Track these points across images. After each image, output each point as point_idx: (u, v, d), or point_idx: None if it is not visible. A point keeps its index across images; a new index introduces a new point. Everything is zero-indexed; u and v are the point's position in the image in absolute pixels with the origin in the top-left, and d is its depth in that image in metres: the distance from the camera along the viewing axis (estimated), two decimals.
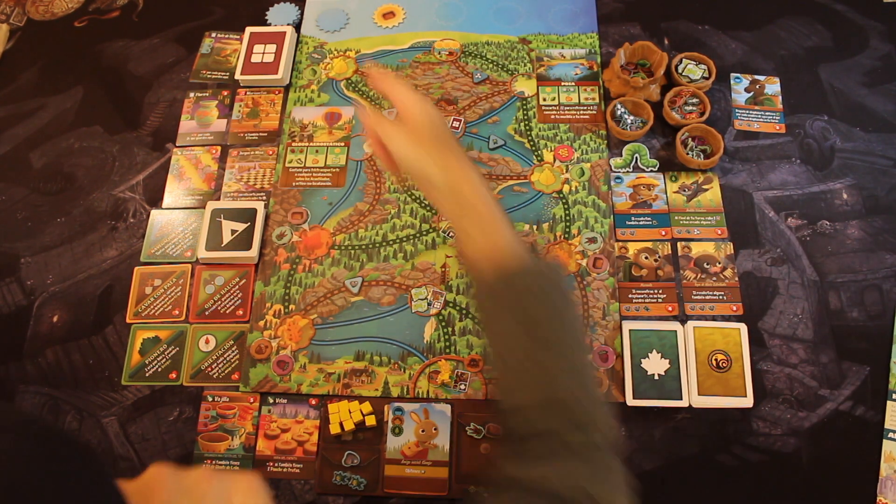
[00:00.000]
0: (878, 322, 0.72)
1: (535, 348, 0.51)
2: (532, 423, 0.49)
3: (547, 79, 0.88)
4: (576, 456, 0.47)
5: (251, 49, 0.91)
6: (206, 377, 0.73)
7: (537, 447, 0.48)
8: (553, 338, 0.51)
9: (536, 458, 0.47)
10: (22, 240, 0.83)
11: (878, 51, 0.88)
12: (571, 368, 0.51)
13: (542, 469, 0.46)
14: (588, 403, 0.50)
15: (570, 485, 0.44)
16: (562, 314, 0.53)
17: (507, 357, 0.52)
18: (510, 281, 0.52)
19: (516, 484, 0.46)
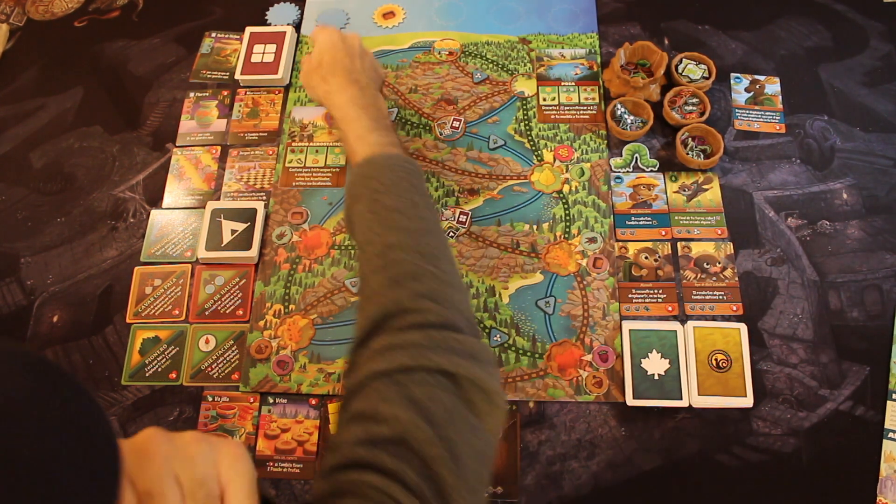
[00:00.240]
0: (878, 322, 0.72)
1: (379, 224, 0.58)
2: (385, 306, 0.53)
3: (547, 79, 0.88)
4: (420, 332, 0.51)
5: (251, 49, 0.91)
6: (206, 377, 0.73)
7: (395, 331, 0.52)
8: (392, 205, 0.59)
9: (395, 347, 0.50)
10: (22, 240, 0.83)
11: (878, 51, 0.88)
12: (418, 245, 0.57)
13: (401, 357, 0.49)
14: (436, 281, 0.55)
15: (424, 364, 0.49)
16: (402, 187, 0.60)
17: (365, 247, 0.58)
18: (358, 169, 0.63)
19: (383, 374, 0.49)
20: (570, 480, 0.67)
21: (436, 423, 0.46)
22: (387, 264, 0.56)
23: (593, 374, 0.71)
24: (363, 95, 0.71)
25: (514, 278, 0.75)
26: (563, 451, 0.68)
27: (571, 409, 0.70)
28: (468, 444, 0.47)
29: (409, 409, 0.46)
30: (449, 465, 0.44)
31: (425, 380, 0.48)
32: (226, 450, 0.36)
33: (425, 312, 0.52)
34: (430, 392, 0.47)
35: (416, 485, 0.43)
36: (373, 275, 0.56)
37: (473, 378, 0.49)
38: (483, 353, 0.52)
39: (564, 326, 0.73)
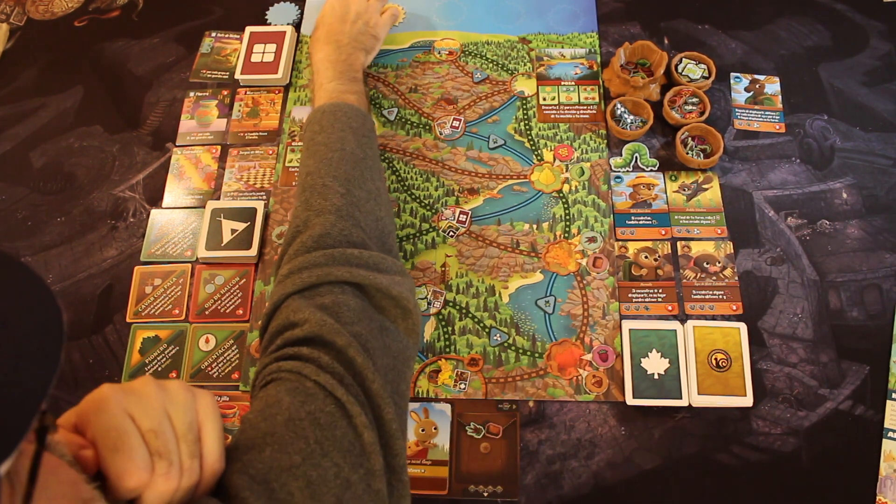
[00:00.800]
0: (878, 321, 0.72)
1: (307, 157, 0.65)
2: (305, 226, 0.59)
3: (547, 78, 0.88)
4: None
5: (251, 49, 0.91)
6: (207, 376, 0.73)
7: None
8: (324, 140, 0.65)
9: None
10: (22, 240, 0.83)
11: (878, 50, 0.88)
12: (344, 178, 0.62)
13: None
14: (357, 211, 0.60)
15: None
16: (337, 127, 0.67)
17: (297, 181, 0.65)
18: (309, 116, 0.70)
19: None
20: (569, 480, 0.67)
21: (343, 321, 0.50)
22: (304, 189, 0.61)
23: (593, 373, 0.71)
24: (338, 52, 0.78)
25: (514, 278, 0.75)
26: (563, 451, 0.68)
27: (571, 408, 0.70)
28: (378, 340, 0.51)
29: (317, 312, 0.50)
30: (357, 349, 0.48)
31: (331, 290, 0.53)
32: (202, 399, 0.40)
33: (327, 226, 0.56)
34: (336, 298, 0.52)
35: (329, 364, 0.47)
36: (295, 202, 0.62)
37: (377, 286, 0.53)
38: (385, 264, 0.56)
39: (564, 326, 0.73)
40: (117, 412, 0.36)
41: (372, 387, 0.48)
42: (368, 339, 0.51)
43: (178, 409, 0.39)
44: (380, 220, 0.62)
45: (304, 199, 0.61)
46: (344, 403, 0.46)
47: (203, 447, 0.39)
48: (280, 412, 0.45)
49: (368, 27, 0.83)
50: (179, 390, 0.40)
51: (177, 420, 0.38)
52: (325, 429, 0.45)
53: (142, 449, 0.36)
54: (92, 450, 0.35)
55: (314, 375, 0.46)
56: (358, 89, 0.74)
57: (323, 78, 0.75)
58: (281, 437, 0.43)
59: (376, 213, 0.62)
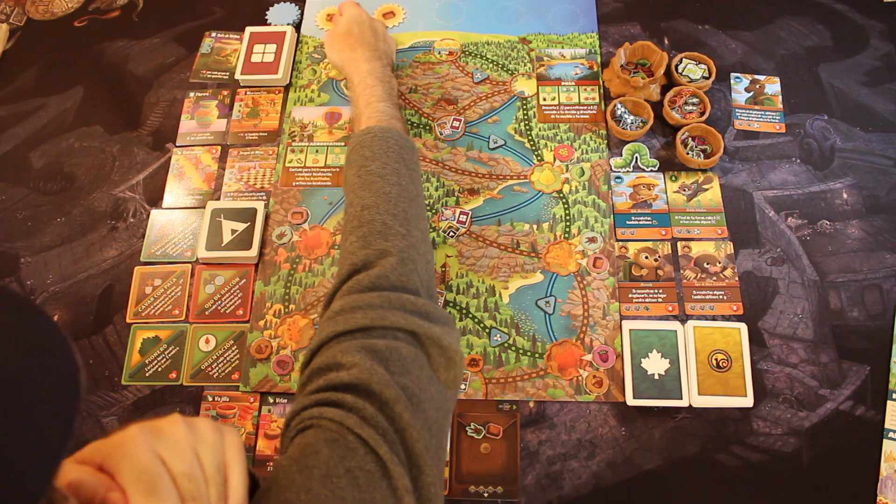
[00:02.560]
0: (878, 322, 0.72)
1: (361, 187, 0.62)
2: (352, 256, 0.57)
3: (547, 78, 0.88)
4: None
5: (251, 49, 0.91)
6: (207, 377, 0.73)
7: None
8: (377, 170, 0.63)
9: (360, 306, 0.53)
10: (22, 240, 0.83)
11: (878, 51, 0.88)
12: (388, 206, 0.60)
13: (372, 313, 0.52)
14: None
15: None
16: (390, 156, 0.64)
17: (348, 209, 0.62)
18: (357, 137, 0.67)
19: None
20: (570, 480, 0.67)
21: (392, 370, 0.48)
22: (361, 224, 0.59)
23: (593, 373, 0.71)
24: (383, 71, 0.78)
25: (514, 278, 0.75)
26: (564, 451, 0.68)
27: (571, 408, 0.70)
28: (426, 391, 0.49)
29: (367, 358, 0.48)
30: (406, 404, 0.46)
31: (384, 335, 0.51)
32: (229, 438, 0.40)
33: (387, 269, 0.54)
34: (389, 344, 0.50)
35: (373, 417, 0.45)
36: (349, 235, 0.59)
37: (430, 335, 0.51)
38: (437, 313, 0.54)
39: (564, 326, 0.73)
40: (148, 455, 0.35)
41: (416, 447, 0.45)
42: (416, 392, 0.48)
43: (208, 450, 0.38)
44: (429, 263, 0.60)
45: (361, 234, 0.58)
46: (386, 463, 0.43)
47: (228, 489, 0.39)
48: (317, 465, 0.42)
49: (391, 46, 0.86)
50: (208, 430, 0.39)
51: (206, 461, 0.38)
52: (364, 490, 0.42)
53: (174, 494, 0.35)
54: (120, 493, 0.34)
55: (357, 428, 0.44)
56: (401, 116, 0.74)
57: (372, 95, 0.73)
58: (317, 494, 0.41)
59: (426, 256, 0.60)
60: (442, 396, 0.51)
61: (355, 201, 0.61)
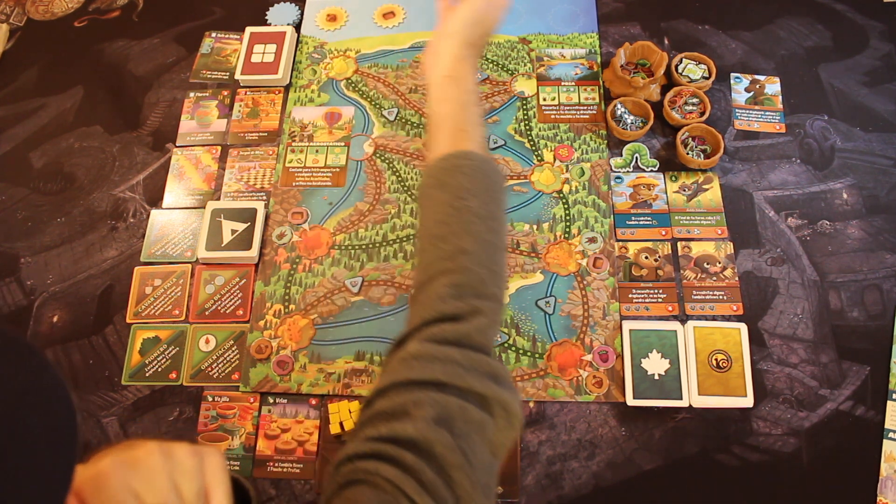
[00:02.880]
0: (878, 322, 0.72)
1: (458, 223, 0.56)
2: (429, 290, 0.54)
3: (547, 79, 0.88)
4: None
5: (251, 49, 0.91)
6: (207, 377, 0.73)
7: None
8: (477, 209, 0.57)
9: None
10: (22, 240, 0.83)
11: (878, 51, 0.88)
12: (483, 237, 0.56)
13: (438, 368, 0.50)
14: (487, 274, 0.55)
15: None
16: (491, 196, 0.58)
17: (437, 242, 0.56)
18: (455, 158, 0.59)
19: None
20: (570, 480, 0.67)
21: (457, 433, 0.46)
22: (456, 269, 0.54)
23: (593, 374, 0.70)
24: (472, 61, 0.67)
25: (514, 278, 0.75)
26: (564, 451, 0.68)
27: (571, 409, 0.70)
28: (482, 457, 0.48)
29: (434, 416, 0.46)
30: (467, 472, 0.45)
31: (458, 394, 0.48)
32: (209, 460, 0.39)
33: (474, 329, 0.52)
34: (460, 404, 0.48)
35: (432, 482, 0.43)
36: (440, 276, 0.54)
37: (499, 399, 0.49)
38: (505, 376, 0.52)
39: (564, 326, 0.73)
40: (120, 490, 0.35)
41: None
42: (474, 457, 0.47)
43: (186, 477, 0.37)
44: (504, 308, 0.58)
45: (455, 281, 0.54)
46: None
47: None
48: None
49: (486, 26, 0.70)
50: (186, 456, 0.38)
51: (185, 489, 0.37)
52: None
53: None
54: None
55: (415, 496, 0.42)
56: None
57: (472, 114, 0.62)
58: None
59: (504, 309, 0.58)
60: (490, 462, 0.50)
61: (450, 238, 0.56)
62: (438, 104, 0.63)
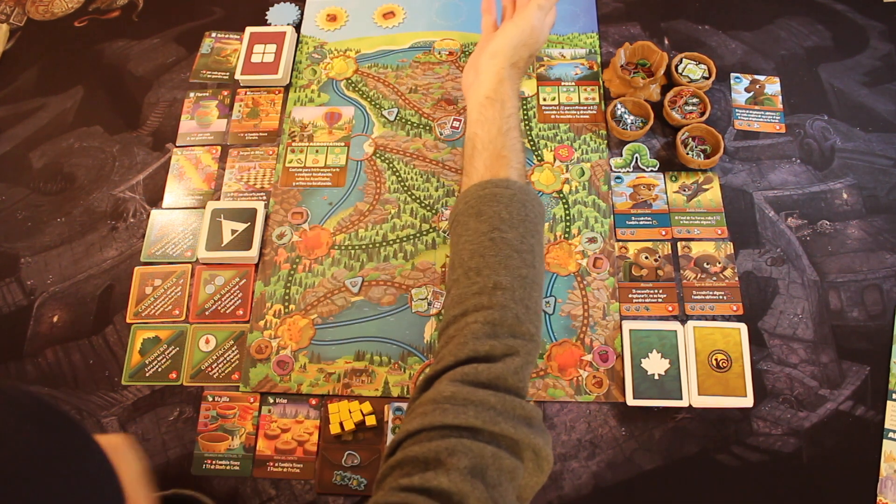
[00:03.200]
0: (878, 322, 0.72)
1: (494, 256, 0.55)
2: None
3: (547, 79, 0.88)
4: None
5: (251, 49, 0.91)
6: (207, 377, 0.73)
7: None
8: (513, 242, 0.55)
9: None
10: (22, 240, 0.83)
11: (878, 51, 0.88)
12: (517, 270, 0.54)
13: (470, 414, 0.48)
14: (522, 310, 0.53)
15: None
16: (528, 228, 0.57)
17: (470, 275, 0.55)
18: (492, 187, 0.57)
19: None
20: (570, 480, 0.67)
21: (490, 483, 0.45)
22: (492, 305, 0.53)
23: (593, 374, 0.71)
24: (511, 85, 0.65)
25: None
26: (564, 451, 0.68)
27: (571, 409, 0.70)
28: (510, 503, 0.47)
29: (468, 466, 0.45)
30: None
31: (493, 440, 0.47)
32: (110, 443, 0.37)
33: (508, 370, 0.50)
34: (494, 452, 0.47)
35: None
36: (474, 311, 0.53)
37: (532, 444, 0.48)
38: (537, 419, 0.51)
39: (564, 326, 0.73)
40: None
41: None
42: (507, 502, 0.46)
43: None
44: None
45: (490, 318, 0.52)
46: None
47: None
48: None
49: (532, 43, 0.68)
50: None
51: None
52: None
53: None
54: None
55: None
56: (522, 134, 0.62)
57: (512, 139, 0.61)
58: None
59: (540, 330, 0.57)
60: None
61: (485, 272, 0.54)
62: (478, 126, 0.62)
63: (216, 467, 0.70)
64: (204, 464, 0.70)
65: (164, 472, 0.69)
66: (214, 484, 0.69)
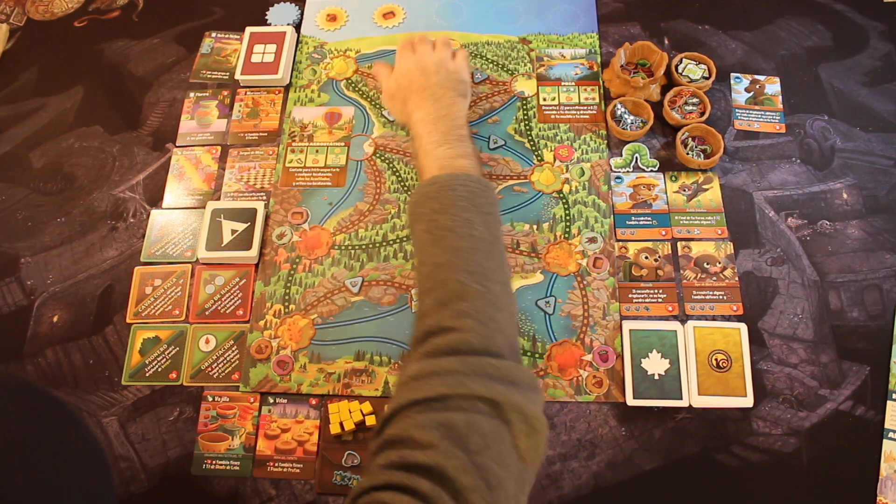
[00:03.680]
0: (878, 322, 0.72)
1: (431, 244, 0.58)
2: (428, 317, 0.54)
3: (547, 79, 0.88)
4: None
5: (251, 49, 0.91)
6: (207, 377, 0.73)
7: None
8: (444, 223, 0.58)
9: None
10: (22, 240, 0.83)
11: (878, 51, 0.88)
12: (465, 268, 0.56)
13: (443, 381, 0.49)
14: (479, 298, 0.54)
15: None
16: (456, 206, 0.59)
17: (420, 268, 0.59)
18: (421, 189, 0.63)
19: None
20: (570, 480, 0.67)
21: (472, 449, 0.45)
22: (435, 285, 0.55)
23: (593, 373, 0.71)
24: (437, 107, 0.71)
25: (514, 278, 0.75)
26: (564, 451, 0.68)
27: (571, 408, 0.70)
28: (506, 467, 0.46)
29: (444, 437, 0.45)
30: (483, 492, 0.43)
31: (462, 406, 0.47)
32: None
33: (466, 332, 0.51)
34: (468, 418, 0.46)
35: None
36: (424, 297, 0.55)
37: (513, 403, 0.47)
38: (522, 377, 0.50)
39: (564, 326, 0.73)
40: None
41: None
42: (496, 471, 0.45)
43: None
44: (512, 316, 0.57)
45: (436, 297, 0.54)
46: None
47: None
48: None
49: (451, 73, 0.75)
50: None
51: None
52: None
53: None
54: None
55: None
56: (469, 151, 0.67)
57: (428, 143, 0.67)
58: None
59: (510, 308, 0.57)
60: (520, 470, 0.48)
61: (427, 260, 0.58)
62: (413, 142, 0.71)
63: (216, 467, 0.70)
64: (204, 464, 0.70)
65: (164, 472, 0.70)
66: (214, 484, 0.69)
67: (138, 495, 0.69)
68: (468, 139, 0.68)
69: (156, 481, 0.69)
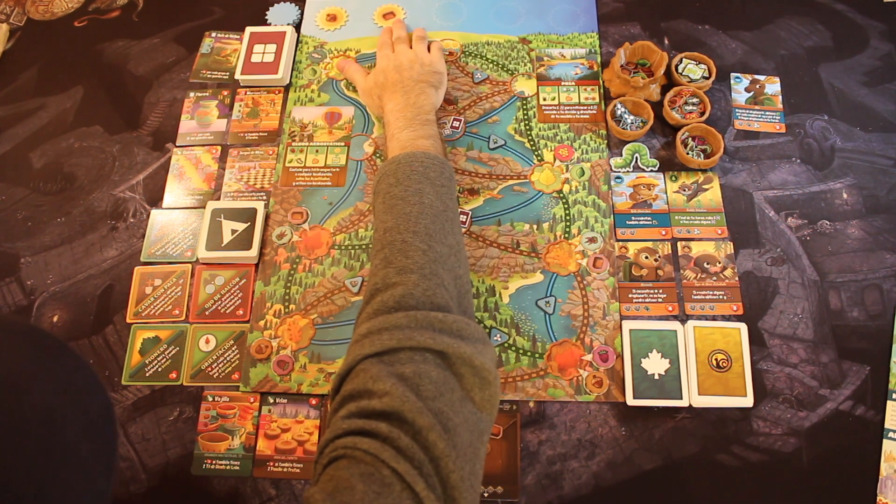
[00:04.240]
0: (878, 322, 0.72)
1: (384, 212, 0.62)
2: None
3: (547, 79, 0.88)
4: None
5: (251, 49, 0.91)
6: (207, 377, 0.73)
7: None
8: (397, 193, 0.63)
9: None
10: (22, 240, 0.83)
11: (878, 51, 0.88)
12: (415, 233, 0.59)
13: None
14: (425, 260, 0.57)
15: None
16: (417, 189, 0.63)
17: (374, 236, 0.62)
18: (382, 168, 0.67)
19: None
20: (570, 480, 0.67)
21: (425, 396, 0.47)
22: (382, 246, 0.59)
23: (593, 373, 0.71)
24: (405, 97, 0.76)
25: (514, 278, 0.75)
26: (564, 451, 0.68)
27: (572, 408, 0.70)
28: (459, 414, 0.48)
29: (398, 385, 0.47)
30: (440, 432, 0.46)
31: (412, 358, 0.49)
32: None
33: (409, 286, 0.53)
34: (418, 368, 0.49)
35: (409, 448, 0.44)
36: (373, 259, 0.59)
37: (460, 354, 0.50)
38: (469, 330, 0.52)
39: (564, 326, 0.73)
40: None
41: (451, 477, 0.45)
42: (450, 416, 0.47)
43: None
44: (459, 278, 0.59)
45: (382, 256, 0.58)
46: (423, 500, 0.43)
47: None
48: (352, 502, 0.42)
49: (425, 66, 0.81)
50: None
51: None
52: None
53: None
54: None
55: (393, 462, 0.43)
56: (431, 132, 0.72)
57: (394, 128, 0.73)
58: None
59: (456, 271, 0.59)
60: (476, 419, 0.50)
61: (379, 226, 0.62)
62: (384, 130, 0.77)
63: (216, 467, 0.70)
64: (204, 464, 0.70)
65: (164, 472, 0.70)
66: (214, 484, 0.69)
67: (138, 495, 0.69)
68: (432, 123, 0.74)
69: (156, 481, 0.69)
